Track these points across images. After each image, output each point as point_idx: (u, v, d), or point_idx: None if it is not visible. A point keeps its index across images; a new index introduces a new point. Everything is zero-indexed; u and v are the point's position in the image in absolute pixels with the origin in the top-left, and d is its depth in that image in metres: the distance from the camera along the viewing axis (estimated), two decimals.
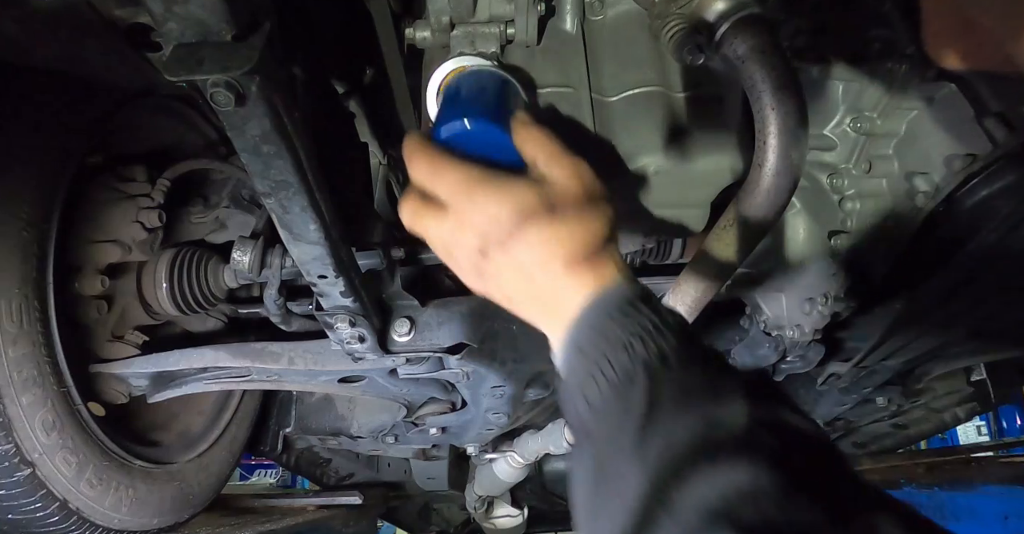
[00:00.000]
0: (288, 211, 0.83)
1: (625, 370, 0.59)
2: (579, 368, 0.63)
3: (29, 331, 1.10)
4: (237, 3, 0.59)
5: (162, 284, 1.37)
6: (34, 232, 1.10)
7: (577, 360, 0.63)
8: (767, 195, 0.84)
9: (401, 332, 1.25)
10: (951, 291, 1.24)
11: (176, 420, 1.59)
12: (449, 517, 3.31)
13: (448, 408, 1.66)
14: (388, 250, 1.18)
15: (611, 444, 0.58)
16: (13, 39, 0.83)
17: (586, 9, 0.95)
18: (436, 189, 0.70)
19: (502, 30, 0.89)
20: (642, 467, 0.54)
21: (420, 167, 0.71)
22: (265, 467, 4.37)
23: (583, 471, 0.60)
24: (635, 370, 0.59)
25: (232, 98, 0.62)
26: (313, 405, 2.01)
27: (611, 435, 0.58)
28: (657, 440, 0.55)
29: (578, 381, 0.62)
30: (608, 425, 0.59)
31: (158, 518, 1.40)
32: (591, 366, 0.61)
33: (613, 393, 0.60)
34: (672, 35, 0.82)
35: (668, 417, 0.56)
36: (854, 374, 1.71)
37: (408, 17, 0.93)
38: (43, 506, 1.13)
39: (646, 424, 0.56)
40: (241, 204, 1.50)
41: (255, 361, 1.36)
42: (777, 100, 0.77)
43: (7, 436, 1.06)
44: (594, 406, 0.61)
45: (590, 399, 0.61)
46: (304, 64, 0.90)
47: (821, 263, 1.31)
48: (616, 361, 0.60)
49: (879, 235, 1.27)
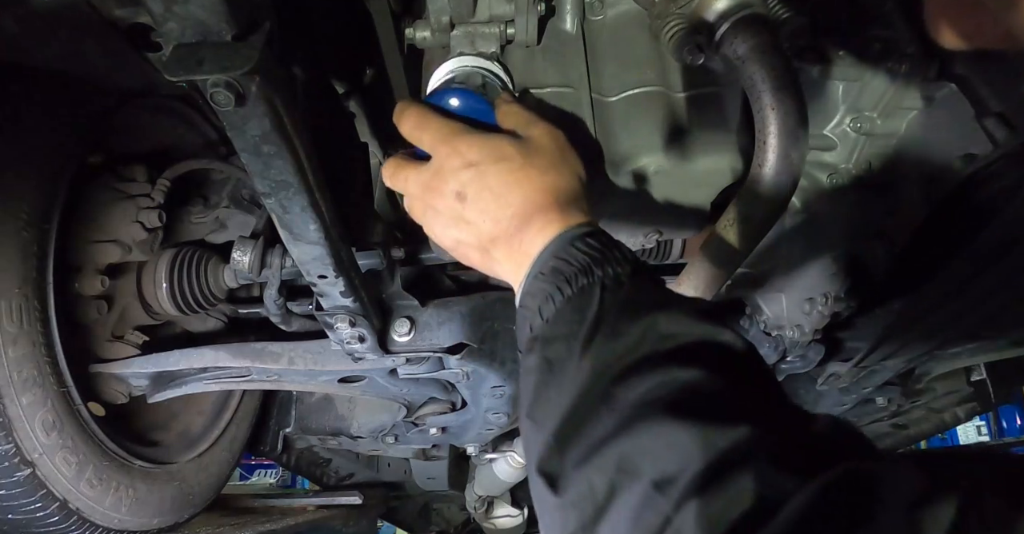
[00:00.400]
0: (288, 211, 0.83)
1: (581, 287, 0.64)
2: (538, 291, 0.66)
3: (29, 331, 1.10)
4: (237, 3, 0.59)
5: (162, 284, 1.37)
6: (34, 232, 1.10)
7: (536, 284, 0.67)
8: (767, 195, 0.84)
9: (401, 332, 1.25)
10: (953, 289, 1.24)
11: (176, 420, 1.59)
12: (449, 517, 3.30)
13: (448, 408, 1.66)
14: (388, 250, 1.18)
15: (562, 345, 0.61)
16: (13, 39, 0.83)
17: (586, 9, 0.95)
18: (421, 138, 0.75)
19: (502, 30, 0.89)
20: (590, 365, 0.58)
21: (408, 121, 0.76)
22: (265, 467, 4.37)
23: (531, 373, 0.63)
24: (591, 288, 0.63)
25: (232, 98, 0.61)
26: (313, 405, 2.01)
27: (562, 338, 0.62)
28: (605, 344, 0.59)
29: (536, 302, 0.66)
30: (560, 331, 0.63)
31: (158, 518, 1.40)
32: (550, 287, 0.65)
33: (568, 306, 0.63)
34: (672, 35, 0.82)
35: (618, 325, 0.60)
36: (854, 374, 1.71)
37: (408, 17, 0.93)
38: (43, 506, 1.13)
39: (596, 330, 0.60)
40: (241, 204, 1.50)
41: (255, 361, 1.36)
42: (777, 100, 0.77)
43: (7, 436, 1.06)
44: (549, 319, 0.64)
45: (545, 314, 0.64)
46: (304, 64, 0.90)
47: (821, 263, 1.31)
48: (574, 281, 0.64)
49: (880, 234, 1.27)
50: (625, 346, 0.58)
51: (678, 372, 0.55)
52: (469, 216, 0.72)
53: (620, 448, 0.52)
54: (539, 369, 0.63)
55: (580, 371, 0.59)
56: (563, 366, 0.60)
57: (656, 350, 0.57)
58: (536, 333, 0.65)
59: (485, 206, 0.71)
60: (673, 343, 0.58)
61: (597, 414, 0.55)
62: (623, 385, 0.56)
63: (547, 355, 0.62)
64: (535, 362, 0.63)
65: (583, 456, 0.54)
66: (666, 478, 0.48)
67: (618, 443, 0.52)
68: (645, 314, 0.60)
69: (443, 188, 0.73)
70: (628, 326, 0.60)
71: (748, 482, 0.46)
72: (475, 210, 0.72)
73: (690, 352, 0.58)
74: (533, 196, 0.70)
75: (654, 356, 0.57)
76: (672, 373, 0.55)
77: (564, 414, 0.57)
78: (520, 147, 0.73)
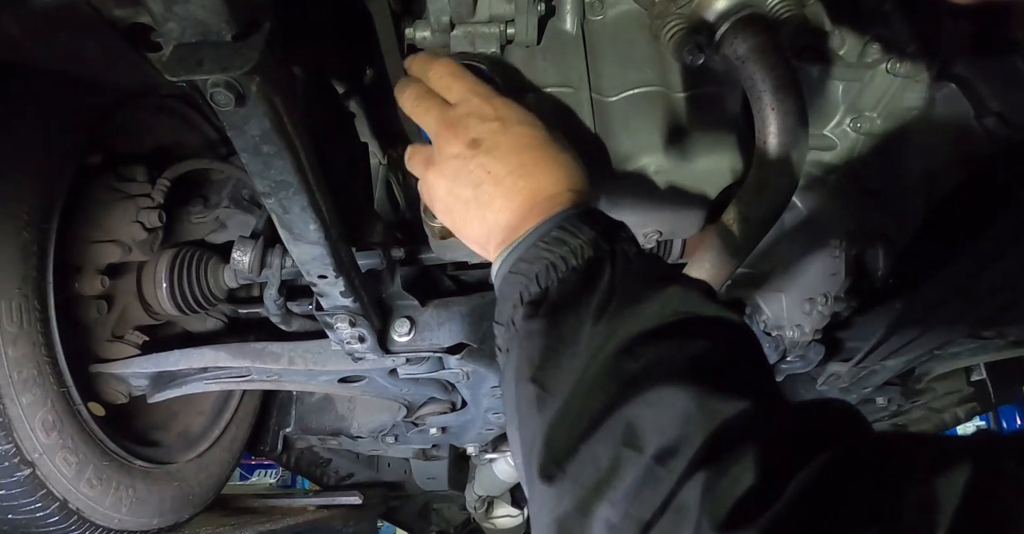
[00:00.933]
0: (288, 211, 0.83)
1: (589, 259, 0.63)
2: (535, 258, 0.65)
3: (29, 331, 1.10)
4: (237, 3, 0.58)
5: (162, 284, 1.37)
6: (34, 232, 1.10)
7: (535, 251, 0.65)
8: (767, 195, 0.84)
9: (401, 332, 1.24)
10: (953, 289, 1.24)
11: (176, 420, 1.59)
12: (449, 517, 3.30)
13: (448, 408, 1.66)
14: (388, 250, 1.18)
15: (572, 312, 0.60)
16: (13, 39, 0.83)
17: (586, 9, 0.95)
18: (452, 86, 0.75)
19: (502, 30, 0.89)
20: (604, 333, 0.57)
21: (441, 68, 0.77)
22: (265, 467, 4.37)
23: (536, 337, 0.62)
24: (600, 261, 0.63)
25: (232, 98, 0.61)
26: (313, 405, 2.01)
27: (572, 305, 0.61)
28: (621, 311, 0.58)
29: (533, 269, 0.64)
30: (569, 298, 0.62)
31: (158, 518, 1.40)
32: (552, 256, 0.64)
33: (575, 276, 0.63)
34: (672, 35, 0.82)
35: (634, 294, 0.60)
36: (854, 374, 1.71)
37: (408, 17, 0.93)
38: (43, 506, 1.13)
39: (610, 298, 0.59)
40: (241, 204, 1.50)
41: (255, 361, 1.36)
42: (777, 100, 0.77)
43: (7, 436, 1.06)
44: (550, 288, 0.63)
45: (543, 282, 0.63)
46: (304, 64, 0.90)
47: (821, 263, 1.31)
48: (580, 253, 0.63)
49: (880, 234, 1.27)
50: (643, 314, 0.58)
51: (689, 344, 0.55)
52: (475, 163, 0.70)
53: (625, 417, 0.51)
54: (546, 334, 0.61)
55: (594, 338, 0.58)
56: (576, 333, 0.59)
57: (672, 321, 0.57)
58: (535, 297, 0.64)
59: (498, 156, 0.70)
60: (686, 316, 0.58)
61: (607, 383, 0.54)
62: (636, 354, 0.55)
63: (556, 321, 0.61)
64: (540, 326, 0.62)
65: (591, 425, 0.53)
66: (668, 449, 0.48)
67: (623, 412, 0.51)
68: (660, 286, 0.60)
69: (461, 132, 0.72)
70: (644, 294, 0.59)
71: (753, 456, 0.45)
72: (485, 159, 0.70)
73: (702, 326, 0.57)
74: (548, 165, 0.70)
75: (669, 326, 0.57)
76: (684, 345, 0.55)
77: (576, 382, 0.56)
78: (545, 123, 0.73)
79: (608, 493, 0.49)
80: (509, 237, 0.69)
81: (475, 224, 0.72)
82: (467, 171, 0.71)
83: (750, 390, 0.51)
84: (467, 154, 0.71)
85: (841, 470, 0.43)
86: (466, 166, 0.71)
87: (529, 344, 0.62)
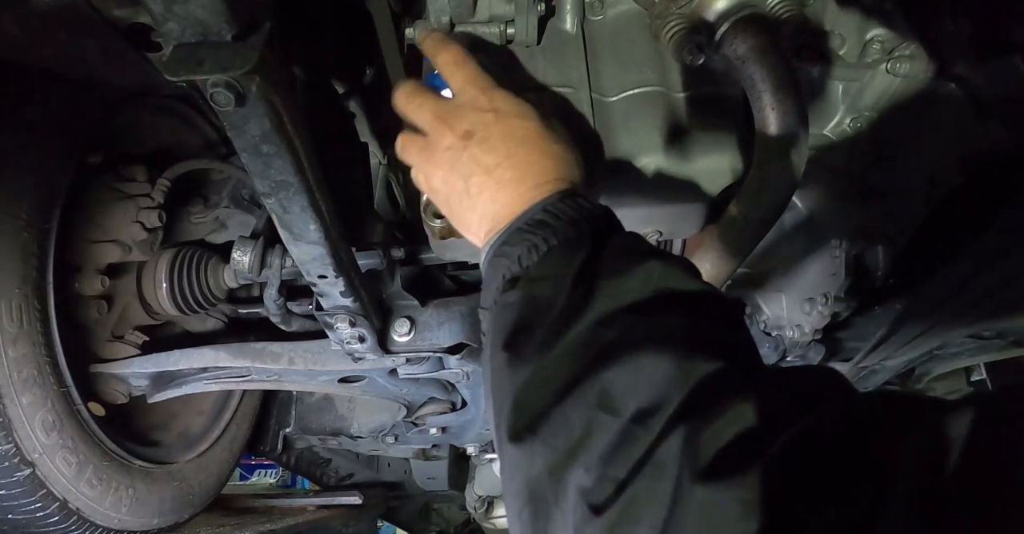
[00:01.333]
0: (288, 211, 0.83)
1: (569, 238, 0.63)
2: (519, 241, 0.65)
3: (29, 331, 1.10)
4: (237, 3, 0.58)
5: (162, 284, 1.37)
6: (34, 232, 1.10)
7: (519, 235, 0.66)
8: (767, 195, 0.84)
9: (401, 332, 1.24)
10: (953, 289, 1.24)
11: (176, 420, 1.59)
12: (449, 517, 3.30)
13: (448, 408, 1.66)
14: (388, 250, 1.18)
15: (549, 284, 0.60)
16: (13, 39, 0.83)
17: (586, 9, 0.95)
18: (455, 74, 0.76)
19: (502, 30, 0.89)
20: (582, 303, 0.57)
21: (447, 55, 0.77)
22: (265, 467, 4.36)
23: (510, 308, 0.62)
24: (581, 238, 0.63)
25: (232, 98, 0.61)
26: (313, 405, 2.01)
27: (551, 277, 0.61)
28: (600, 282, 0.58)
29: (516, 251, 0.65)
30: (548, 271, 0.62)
31: (158, 518, 1.40)
32: (535, 238, 0.64)
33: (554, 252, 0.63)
34: (672, 35, 0.82)
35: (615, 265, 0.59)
36: (854, 374, 1.71)
37: (408, 17, 0.93)
38: (43, 506, 1.13)
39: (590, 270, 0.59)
40: (241, 204, 1.50)
41: (255, 361, 1.36)
42: (777, 100, 0.77)
43: (7, 436, 1.06)
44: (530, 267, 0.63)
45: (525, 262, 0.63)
46: (304, 64, 0.91)
47: (821, 263, 1.31)
48: (561, 232, 0.64)
49: (880, 234, 1.27)
50: (623, 287, 0.57)
51: (670, 317, 0.54)
52: (467, 155, 0.71)
53: (600, 382, 0.50)
54: (522, 303, 0.61)
55: (571, 308, 0.57)
56: (551, 303, 0.59)
57: (652, 296, 0.56)
58: (516, 275, 0.64)
59: (489, 148, 0.70)
60: (667, 291, 0.57)
61: (582, 350, 0.54)
62: (613, 325, 0.54)
63: (532, 292, 0.61)
64: (517, 297, 0.61)
65: (563, 390, 0.52)
66: (646, 410, 0.46)
67: (598, 377, 0.50)
68: (641, 261, 0.59)
69: (456, 124, 0.72)
70: (625, 269, 0.59)
71: (738, 408, 0.43)
72: (476, 151, 0.71)
73: (683, 301, 0.57)
74: (538, 157, 0.70)
75: (649, 300, 0.56)
76: (664, 317, 0.54)
77: (550, 348, 0.55)
78: (540, 115, 0.73)
79: (582, 458, 0.48)
80: (496, 226, 0.69)
81: (468, 214, 0.73)
82: (460, 163, 0.72)
83: (733, 357, 0.50)
84: (460, 145, 0.72)
85: (838, 421, 0.41)
86: (459, 158, 0.72)
87: (504, 315, 0.62)
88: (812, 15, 0.95)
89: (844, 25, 1.00)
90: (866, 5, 0.99)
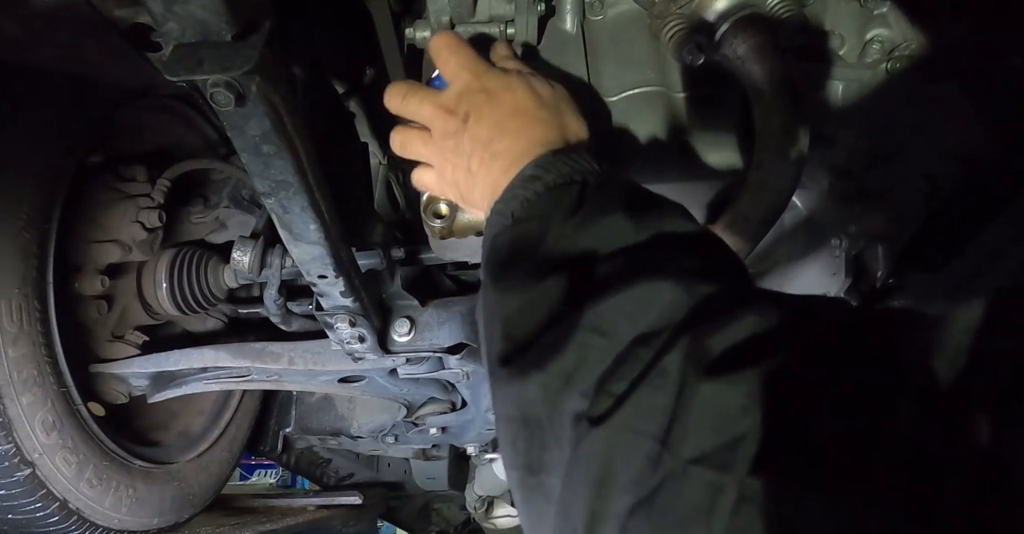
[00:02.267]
0: (288, 211, 0.83)
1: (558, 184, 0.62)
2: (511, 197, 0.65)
3: (29, 331, 1.10)
4: (237, 3, 0.58)
5: (162, 284, 1.37)
6: (34, 232, 1.10)
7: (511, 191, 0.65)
8: (767, 195, 0.84)
9: (401, 332, 1.25)
10: (955, 288, 1.24)
11: (176, 420, 1.59)
12: (449, 517, 3.30)
13: (448, 408, 1.66)
14: (388, 250, 1.18)
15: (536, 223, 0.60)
16: (13, 39, 0.83)
17: (586, 9, 0.95)
18: (449, 60, 0.76)
19: (502, 30, 0.89)
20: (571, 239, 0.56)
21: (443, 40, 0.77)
22: (265, 467, 4.36)
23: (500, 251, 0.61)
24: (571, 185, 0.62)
25: (232, 98, 0.61)
26: (313, 405, 2.01)
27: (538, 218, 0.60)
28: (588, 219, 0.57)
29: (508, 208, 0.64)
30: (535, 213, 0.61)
31: (158, 518, 1.40)
32: (526, 192, 0.64)
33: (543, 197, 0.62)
34: (672, 35, 0.82)
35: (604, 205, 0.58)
36: None
37: (408, 17, 0.93)
38: (43, 506, 1.13)
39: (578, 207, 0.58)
40: (241, 204, 1.50)
41: (255, 361, 1.36)
42: (777, 100, 0.77)
43: (7, 436, 1.06)
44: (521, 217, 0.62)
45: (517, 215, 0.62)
46: (304, 64, 0.90)
47: (821, 263, 1.31)
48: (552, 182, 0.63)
49: (880, 234, 1.27)
50: (614, 226, 0.56)
51: (667, 252, 0.53)
52: (467, 136, 0.72)
53: (595, 309, 0.48)
54: (511, 243, 0.60)
55: (561, 240, 0.56)
56: (541, 237, 0.58)
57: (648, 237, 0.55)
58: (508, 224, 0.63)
59: (485, 125, 0.71)
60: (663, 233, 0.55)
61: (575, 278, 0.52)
62: (607, 258, 0.53)
63: (520, 231, 0.60)
64: (506, 238, 0.61)
65: (553, 317, 0.50)
66: (648, 333, 0.45)
67: (596, 303, 0.48)
68: (636, 202, 0.58)
69: (456, 109, 0.73)
70: (617, 209, 0.57)
71: (745, 318, 0.41)
72: (474, 130, 0.71)
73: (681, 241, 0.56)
74: (529, 123, 0.70)
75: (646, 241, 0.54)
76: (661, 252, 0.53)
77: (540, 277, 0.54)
78: (528, 86, 0.73)
79: (578, 383, 0.46)
80: (495, 193, 0.70)
81: (474, 193, 0.74)
82: (462, 145, 0.73)
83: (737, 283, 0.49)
84: (460, 129, 0.73)
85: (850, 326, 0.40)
86: (461, 141, 0.73)
87: (494, 255, 0.62)
88: (812, 15, 0.94)
89: (844, 25, 1.00)
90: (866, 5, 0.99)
